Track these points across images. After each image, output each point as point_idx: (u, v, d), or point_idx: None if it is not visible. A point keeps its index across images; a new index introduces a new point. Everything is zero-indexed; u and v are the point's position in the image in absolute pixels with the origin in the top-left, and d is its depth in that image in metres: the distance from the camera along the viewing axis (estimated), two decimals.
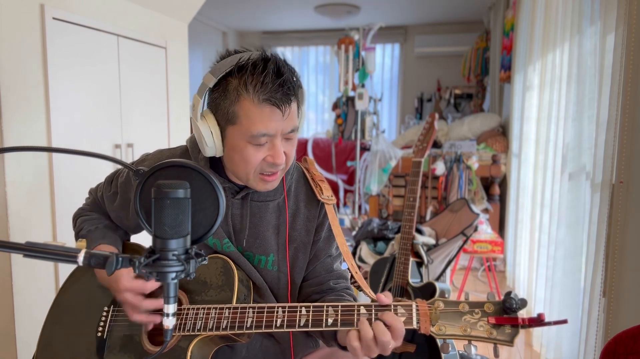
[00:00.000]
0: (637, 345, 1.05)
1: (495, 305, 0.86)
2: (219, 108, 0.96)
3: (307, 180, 1.15)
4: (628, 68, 1.51)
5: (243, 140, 0.95)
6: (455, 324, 0.87)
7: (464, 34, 6.15)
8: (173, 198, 0.60)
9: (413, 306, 0.89)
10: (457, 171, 4.00)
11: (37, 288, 2.21)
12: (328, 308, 0.92)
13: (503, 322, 0.84)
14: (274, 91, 0.92)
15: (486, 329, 0.85)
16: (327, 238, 1.15)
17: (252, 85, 0.92)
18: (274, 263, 1.11)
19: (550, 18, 2.64)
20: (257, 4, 5.56)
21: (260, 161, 0.97)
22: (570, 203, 2.09)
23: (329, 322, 0.90)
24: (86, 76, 2.47)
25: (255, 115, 0.93)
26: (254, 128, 0.93)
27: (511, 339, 0.84)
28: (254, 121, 0.93)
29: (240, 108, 0.93)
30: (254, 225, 1.09)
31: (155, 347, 1.03)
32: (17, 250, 0.62)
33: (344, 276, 1.18)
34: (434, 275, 2.41)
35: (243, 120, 0.94)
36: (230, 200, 1.09)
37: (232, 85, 0.94)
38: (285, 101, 0.94)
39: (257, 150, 0.96)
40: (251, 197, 1.09)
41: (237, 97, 0.93)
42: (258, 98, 0.92)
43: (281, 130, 0.96)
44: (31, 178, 2.17)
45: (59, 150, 0.72)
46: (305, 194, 1.14)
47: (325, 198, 1.12)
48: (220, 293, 1.01)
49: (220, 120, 0.97)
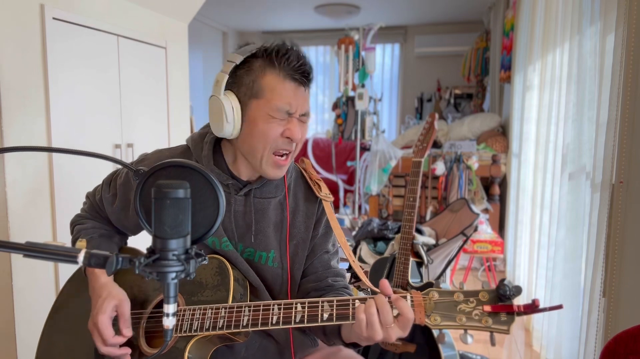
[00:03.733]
0: (637, 345, 1.05)
1: (489, 293, 0.85)
2: (242, 84, 1.01)
3: (305, 179, 1.18)
4: (628, 69, 1.51)
5: (266, 114, 1.00)
6: (451, 314, 0.86)
7: (464, 34, 6.15)
8: (173, 198, 0.60)
9: (407, 297, 0.89)
10: (457, 171, 4.00)
11: (37, 288, 2.21)
12: (323, 303, 0.92)
13: (498, 310, 0.83)
14: (297, 70, 1.00)
15: (482, 318, 0.84)
16: (324, 234, 1.17)
17: (279, 61, 0.99)
18: (275, 260, 1.12)
19: (550, 18, 2.64)
20: (257, 4, 5.56)
21: (278, 136, 1.01)
22: (570, 204, 2.09)
23: (325, 317, 0.91)
24: (86, 76, 2.47)
25: (281, 89, 1.00)
26: (279, 102, 1.00)
27: (507, 326, 0.83)
28: (279, 94, 1.00)
29: (266, 82, 1.00)
30: (257, 221, 1.10)
31: (153, 349, 1.03)
32: (17, 250, 0.62)
33: (342, 274, 1.19)
34: (434, 275, 2.41)
35: (267, 93, 1.00)
36: (234, 197, 1.09)
37: (258, 63, 1.01)
38: (306, 81, 1.02)
39: (277, 124, 1.01)
40: (254, 194, 1.10)
41: (263, 72, 1.00)
42: (284, 74, 1.00)
43: (300, 109, 1.02)
44: (31, 178, 2.17)
45: (59, 150, 0.72)
46: (303, 192, 1.16)
47: (324, 195, 1.15)
48: (216, 293, 1.01)
49: (243, 95, 1.02)
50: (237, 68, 1.01)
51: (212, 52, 6.69)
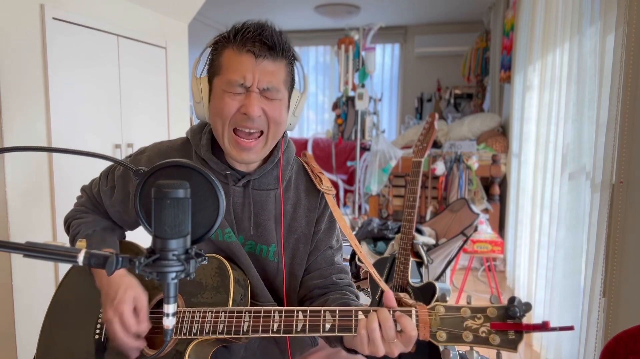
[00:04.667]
0: (637, 345, 1.05)
1: (498, 310, 0.82)
2: (212, 65, 1.03)
3: (307, 172, 1.16)
4: (628, 69, 1.51)
5: (222, 89, 0.99)
6: (457, 330, 0.83)
7: (464, 34, 6.15)
8: (173, 198, 0.60)
9: (413, 312, 0.86)
10: (457, 171, 4.00)
11: (37, 288, 2.21)
12: (325, 313, 0.90)
13: (506, 328, 0.80)
14: (252, 40, 0.97)
15: (489, 336, 0.81)
16: (327, 229, 1.15)
17: (234, 36, 0.98)
18: (275, 254, 1.10)
19: (550, 18, 2.64)
20: (257, 4, 5.56)
21: (234, 111, 0.99)
22: (570, 204, 2.09)
23: (327, 328, 0.89)
24: (86, 76, 2.47)
25: (234, 62, 0.98)
26: (231, 75, 0.97)
27: (515, 345, 0.80)
28: (232, 68, 0.98)
29: (223, 57, 0.99)
30: (256, 213, 1.09)
31: (152, 350, 1.02)
32: (17, 250, 0.62)
33: (346, 271, 1.17)
34: (434, 275, 2.40)
35: (224, 68, 0.99)
36: (232, 188, 1.08)
37: (222, 41, 1.01)
38: (263, 51, 0.97)
39: (232, 99, 0.98)
40: (252, 185, 1.09)
41: (223, 48, 1.00)
42: (237, 48, 0.97)
43: (257, 81, 0.97)
44: (31, 178, 2.17)
45: (59, 150, 0.72)
46: (305, 185, 1.14)
47: (325, 188, 1.13)
48: (216, 295, 1.00)
49: (211, 76, 1.03)
50: (211, 53, 1.03)
51: None
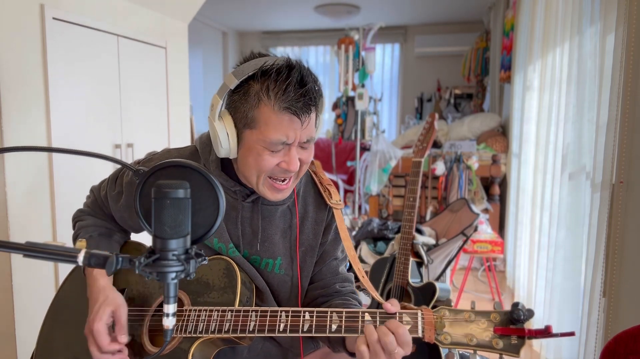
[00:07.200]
0: (637, 345, 1.05)
1: (501, 315, 0.86)
2: (237, 111, 0.96)
3: (315, 184, 1.15)
4: (628, 69, 1.51)
5: (260, 145, 0.95)
6: (461, 333, 0.86)
7: (464, 34, 6.15)
8: (173, 198, 0.60)
9: (418, 314, 0.89)
10: (457, 171, 4.00)
11: (37, 288, 2.21)
12: (332, 313, 0.91)
13: (509, 333, 0.84)
14: (296, 100, 0.91)
15: (492, 340, 0.84)
16: (333, 240, 1.15)
17: (274, 92, 0.91)
18: (281, 267, 1.10)
19: (550, 18, 2.64)
20: (257, 4, 5.57)
21: (274, 166, 0.97)
22: (570, 204, 2.09)
23: (333, 328, 0.90)
24: (86, 76, 2.47)
25: (275, 122, 0.92)
26: (273, 135, 0.93)
27: (517, 350, 0.83)
28: (273, 129, 0.93)
29: (260, 114, 0.93)
30: (264, 228, 1.09)
31: (156, 348, 1.02)
32: (17, 250, 0.62)
33: (350, 279, 1.17)
34: (434, 275, 2.41)
35: (262, 126, 0.93)
36: (241, 203, 1.08)
37: (254, 90, 0.93)
38: (305, 111, 0.93)
39: (272, 156, 0.96)
40: (262, 201, 1.08)
41: (258, 102, 0.93)
42: (279, 106, 0.91)
43: (298, 139, 0.96)
44: (31, 178, 2.17)
45: (59, 150, 0.72)
46: (313, 197, 1.14)
47: (334, 202, 1.12)
48: (222, 295, 1.00)
49: (238, 122, 0.97)
50: (234, 92, 0.96)
51: (212, 52, 6.69)
